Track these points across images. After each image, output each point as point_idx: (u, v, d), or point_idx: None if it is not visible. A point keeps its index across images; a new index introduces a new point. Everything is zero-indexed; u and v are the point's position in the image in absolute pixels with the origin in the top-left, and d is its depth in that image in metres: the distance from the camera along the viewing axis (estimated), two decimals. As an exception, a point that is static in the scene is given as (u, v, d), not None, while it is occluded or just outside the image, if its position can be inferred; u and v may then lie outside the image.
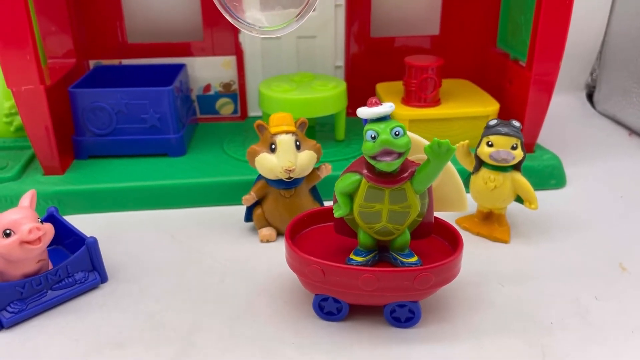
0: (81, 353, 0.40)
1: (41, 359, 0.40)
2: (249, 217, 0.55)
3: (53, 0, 0.66)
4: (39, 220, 0.43)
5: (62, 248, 0.51)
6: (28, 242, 0.41)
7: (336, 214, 0.40)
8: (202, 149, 0.68)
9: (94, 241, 0.46)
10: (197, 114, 0.77)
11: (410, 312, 0.41)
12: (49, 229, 0.43)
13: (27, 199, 0.45)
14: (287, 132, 0.51)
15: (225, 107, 0.78)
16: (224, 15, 0.28)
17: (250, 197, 0.53)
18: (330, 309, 0.42)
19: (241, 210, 0.56)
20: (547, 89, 0.63)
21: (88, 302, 0.46)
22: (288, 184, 0.52)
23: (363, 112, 0.35)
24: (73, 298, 0.46)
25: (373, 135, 0.35)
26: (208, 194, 0.60)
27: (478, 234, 0.55)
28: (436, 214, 0.44)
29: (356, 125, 0.72)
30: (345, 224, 0.42)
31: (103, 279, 0.48)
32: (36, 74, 0.55)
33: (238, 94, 0.77)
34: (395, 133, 0.35)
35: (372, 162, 0.36)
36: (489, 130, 0.51)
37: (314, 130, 0.73)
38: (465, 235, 0.55)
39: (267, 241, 0.54)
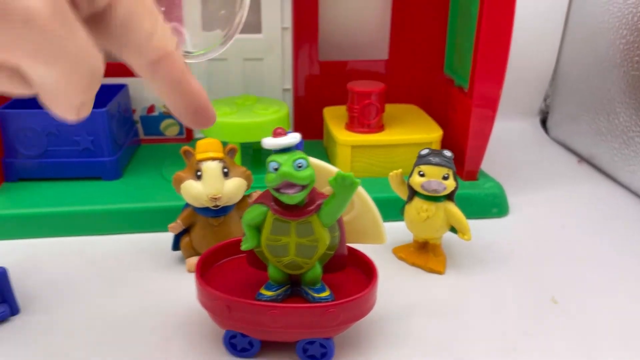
0: (-27, 394, 0.38)
1: None
2: (176, 245, 0.53)
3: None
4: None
5: (-24, 277, 0.48)
6: None
7: (243, 247, 0.38)
8: (140, 172, 0.66)
9: (3, 271, 0.44)
10: (140, 135, 0.76)
11: (322, 346, 0.39)
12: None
13: None
14: (213, 159, 0.49)
15: (170, 128, 0.76)
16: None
17: (176, 225, 0.51)
18: (242, 345, 0.40)
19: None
20: (489, 115, 0.62)
21: (-7, 337, 0.43)
22: (216, 212, 0.50)
23: (266, 142, 0.34)
24: (-23, 332, 0.43)
25: (275, 167, 0.34)
26: (139, 220, 0.58)
27: (413, 264, 0.54)
28: (357, 245, 0.43)
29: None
30: (257, 257, 0.40)
31: (14, 311, 0.45)
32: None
33: (183, 115, 0.75)
34: (297, 165, 0.34)
35: (275, 194, 0.35)
36: (420, 159, 0.50)
37: (260, 154, 0.71)
38: (400, 266, 0.54)
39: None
